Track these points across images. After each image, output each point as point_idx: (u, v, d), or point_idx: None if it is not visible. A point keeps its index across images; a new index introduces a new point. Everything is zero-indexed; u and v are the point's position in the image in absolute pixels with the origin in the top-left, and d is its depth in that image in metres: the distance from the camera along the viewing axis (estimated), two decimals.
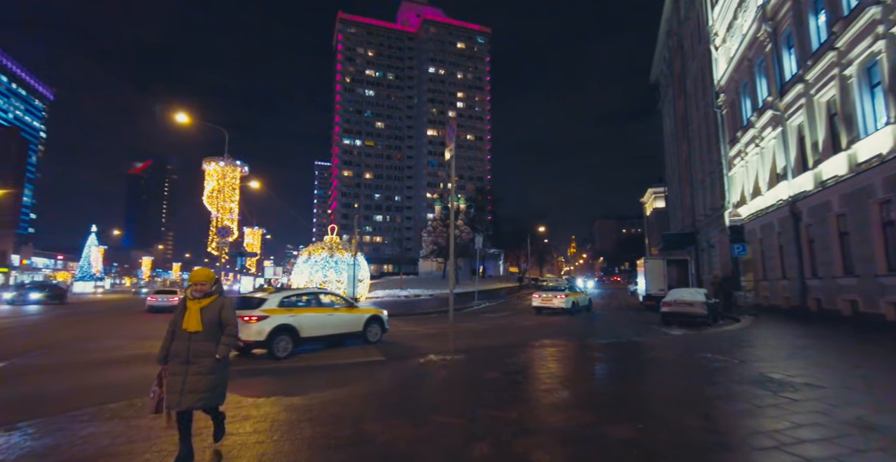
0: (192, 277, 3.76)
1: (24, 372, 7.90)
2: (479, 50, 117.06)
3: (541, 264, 75.67)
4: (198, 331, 3.56)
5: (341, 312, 10.28)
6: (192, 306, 3.62)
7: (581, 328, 14.67)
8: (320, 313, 9.79)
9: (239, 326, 8.72)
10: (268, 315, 8.81)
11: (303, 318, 9.28)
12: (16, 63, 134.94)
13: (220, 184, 23.00)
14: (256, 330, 8.60)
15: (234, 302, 3.61)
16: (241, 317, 8.40)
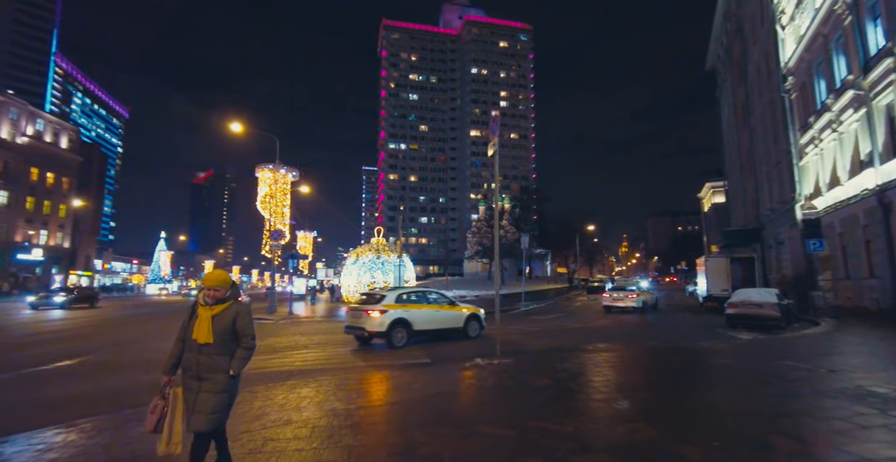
0: (205, 280, 3.20)
1: (92, 370, 8.31)
2: (521, 48, 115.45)
3: (590, 264, 73.24)
4: (208, 343, 3.04)
5: (445, 309, 11.26)
6: (202, 313, 3.11)
7: (637, 331, 13.81)
8: (429, 309, 10.84)
9: (363, 319, 9.96)
10: (387, 309, 10.05)
11: (415, 313, 10.43)
12: (97, 86, 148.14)
13: (272, 189, 23.75)
14: (379, 322, 9.87)
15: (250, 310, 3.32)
16: (366, 310, 10.12)
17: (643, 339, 11.65)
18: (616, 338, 11.76)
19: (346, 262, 28.59)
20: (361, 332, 10.15)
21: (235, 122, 22.19)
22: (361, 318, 10.16)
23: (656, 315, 19.14)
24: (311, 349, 10.14)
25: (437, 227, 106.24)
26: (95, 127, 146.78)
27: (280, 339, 11.84)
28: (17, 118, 51.59)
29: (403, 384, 6.21)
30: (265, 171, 23.59)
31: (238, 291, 3.34)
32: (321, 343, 11.08)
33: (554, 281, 55.56)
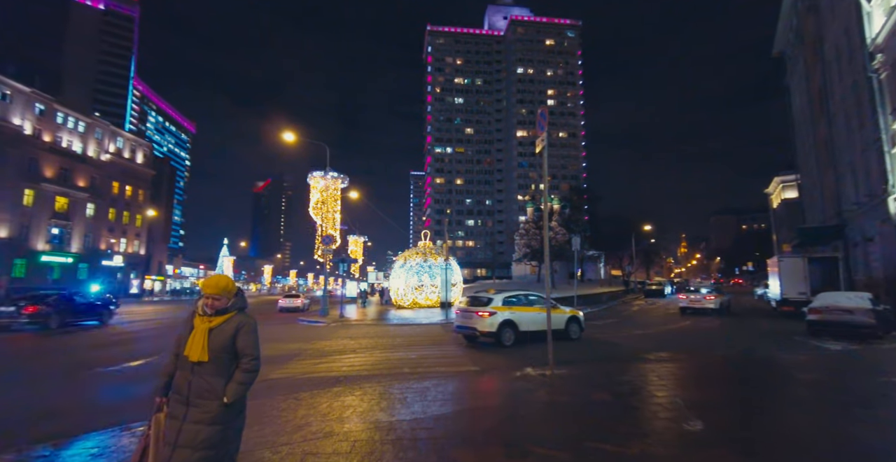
0: (204, 286, 2.69)
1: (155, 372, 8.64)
2: (569, 44, 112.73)
3: (647, 266, 69.75)
4: (202, 361, 2.54)
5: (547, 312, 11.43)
6: (198, 325, 2.61)
7: (703, 338, 12.72)
8: (532, 311, 11.28)
9: (474, 320, 10.71)
10: (496, 311, 10.69)
11: (520, 315, 10.98)
12: (168, 105, 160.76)
13: (323, 195, 24.35)
14: (489, 323, 10.55)
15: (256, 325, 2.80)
16: (476, 312, 10.78)
17: (711, 347, 10.68)
18: (681, 346, 10.84)
19: (394, 265, 28.79)
20: (472, 332, 10.88)
21: (288, 131, 22.96)
22: (472, 320, 10.82)
23: (725, 320, 17.70)
24: (359, 353, 10.09)
25: (484, 230, 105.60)
26: (167, 142, 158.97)
27: (329, 343, 11.93)
28: (102, 137, 56.67)
29: (450, 394, 5.91)
30: (316, 178, 24.26)
31: (244, 301, 2.80)
32: (368, 347, 11.02)
33: (608, 284, 53.33)
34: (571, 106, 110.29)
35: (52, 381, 7.73)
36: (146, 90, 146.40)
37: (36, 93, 47.76)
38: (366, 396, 5.90)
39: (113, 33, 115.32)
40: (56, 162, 49.81)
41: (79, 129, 53.18)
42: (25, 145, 46.16)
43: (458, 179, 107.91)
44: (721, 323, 16.53)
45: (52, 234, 49.52)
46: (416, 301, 26.84)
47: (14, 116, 45.31)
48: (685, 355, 9.26)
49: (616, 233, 54.93)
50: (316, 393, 6.18)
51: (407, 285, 27.02)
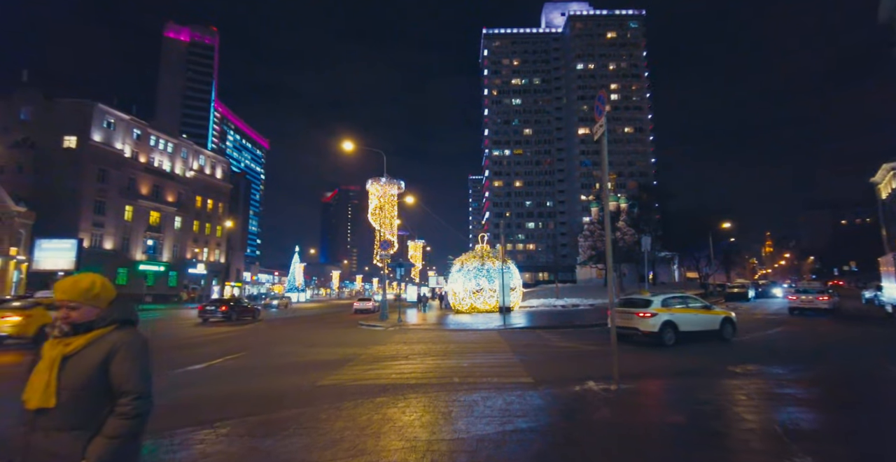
0: (56, 289, 1.84)
1: (220, 373, 8.88)
2: (632, 36, 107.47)
3: (727, 268, 64.08)
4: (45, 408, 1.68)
5: (702, 313, 11.99)
6: (47, 351, 1.77)
7: (794, 348, 11.05)
8: (689, 313, 11.68)
9: (635, 321, 11.36)
10: (657, 313, 11.13)
11: (678, 316, 11.33)
12: (243, 123, 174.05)
13: (381, 201, 24.69)
14: (651, 323, 11.00)
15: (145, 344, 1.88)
16: (637, 313, 11.20)
17: (809, 360, 9.17)
18: (768, 358, 9.43)
19: (451, 269, 28.52)
20: (634, 332, 11.27)
21: (347, 141, 23.55)
22: (633, 320, 11.27)
23: (834, 326, 15.42)
24: (411, 360, 9.79)
25: (546, 233, 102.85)
26: (244, 159, 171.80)
27: (383, 348, 11.78)
28: (187, 156, 62.21)
29: (498, 411, 5.36)
30: (374, 184, 24.66)
31: (127, 310, 1.92)
32: (422, 353, 10.70)
33: (683, 287, 49.52)
34: (637, 99, 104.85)
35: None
36: (225, 111, 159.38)
37: (134, 119, 53.43)
38: (409, 409, 5.52)
39: (196, 62, 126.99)
40: (150, 180, 55.31)
41: (168, 150, 58.70)
42: (126, 167, 51.70)
43: (517, 182, 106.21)
44: (829, 329, 14.44)
45: (148, 246, 54.91)
46: (473, 305, 26.35)
47: (117, 141, 50.93)
48: (776, 369, 7.97)
49: (691, 232, 50.86)
50: (360, 402, 5.91)
51: (465, 289, 26.62)
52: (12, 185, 42.06)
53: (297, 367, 9.29)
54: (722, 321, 11.98)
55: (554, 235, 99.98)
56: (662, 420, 4.90)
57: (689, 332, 11.33)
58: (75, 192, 46.08)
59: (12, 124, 47.62)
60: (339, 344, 13.14)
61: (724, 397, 5.90)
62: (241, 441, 4.44)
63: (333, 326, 20.52)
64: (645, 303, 11.49)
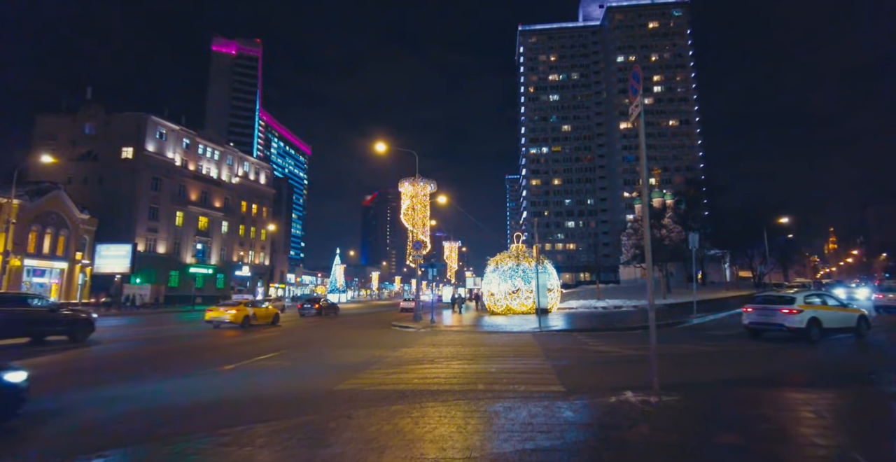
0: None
1: (247, 375, 8.81)
2: (675, 25, 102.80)
3: (784, 266, 59.61)
4: None
5: (840, 310, 12.37)
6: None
7: (870, 360, 9.75)
8: (829, 310, 12.01)
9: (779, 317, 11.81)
10: (802, 310, 11.43)
11: (821, 313, 11.64)
12: (287, 130, 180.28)
13: (413, 201, 24.49)
14: (798, 320, 11.31)
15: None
16: (780, 309, 11.65)
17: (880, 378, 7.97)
18: (835, 369, 8.30)
19: (486, 270, 27.97)
20: (779, 328, 11.74)
21: (380, 142, 23.53)
22: (776, 317, 11.68)
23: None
24: (436, 364, 9.38)
25: (587, 232, 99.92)
26: (288, 165, 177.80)
27: (411, 350, 11.44)
28: (232, 163, 64.91)
29: (520, 425, 4.83)
30: (406, 184, 24.51)
31: None
32: (448, 357, 10.27)
33: (735, 287, 46.51)
34: (682, 91, 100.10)
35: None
36: (269, 120, 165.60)
37: (183, 130, 56.29)
38: (423, 419, 5.09)
39: (242, 73, 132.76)
40: (199, 187, 58.05)
41: (215, 158, 61.43)
42: (176, 175, 54.53)
43: (556, 180, 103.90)
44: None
45: (197, 249, 57.62)
46: (509, 307, 25.67)
47: (168, 151, 53.78)
48: (851, 385, 6.95)
49: (743, 229, 47.56)
50: (372, 411, 5.55)
51: (500, 290, 26.00)
52: (78, 195, 45.24)
53: (322, 370, 9.12)
54: (858, 319, 12.17)
55: (595, 234, 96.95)
56: (715, 438, 4.22)
57: (831, 328, 11.62)
58: (132, 200, 49.03)
59: (79, 139, 51.32)
60: (368, 346, 12.94)
61: (784, 414, 5.10)
62: (239, 452, 4.16)
63: (367, 327, 20.49)
64: (790, 299, 11.89)
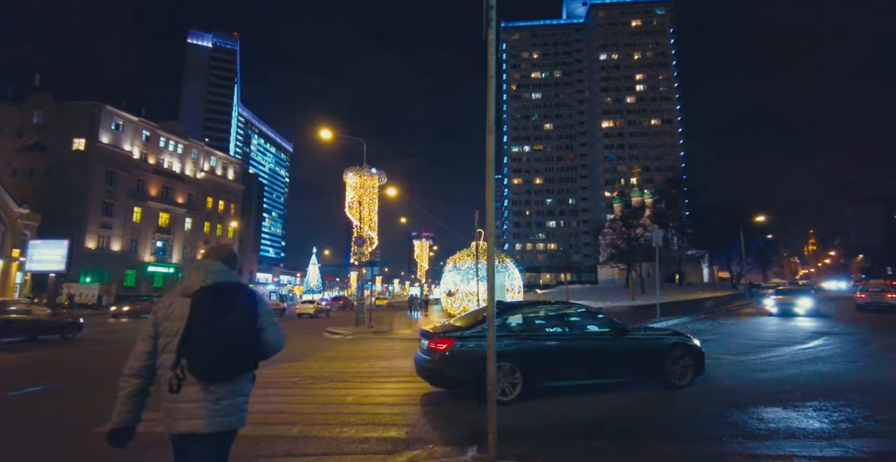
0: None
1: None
2: (658, 23, 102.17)
3: (763, 267, 58.88)
4: None
5: None
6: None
7: (853, 374, 7.97)
8: None
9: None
10: None
11: None
12: (268, 127, 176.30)
13: (359, 193, 22.48)
14: None
15: None
16: None
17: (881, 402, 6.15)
18: (824, 387, 6.46)
19: (444, 269, 26.04)
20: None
21: (325, 129, 21.44)
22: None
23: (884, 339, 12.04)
24: (298, 388, 7.33)
25: (568, 231, 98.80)
26: (268, 162, 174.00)
27: (298, 365, 9.40)
28: (197, 157, 62.08)
29: None
30: (351, 175, 22.47)
31: None
32: (324, 377, 8.20)
33: (713, 288, 45.29)
34: (664, 90, 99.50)
35: None
36: (250, 116, 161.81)
37: (143, 121, 53.38)
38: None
39: (219, 67, 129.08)
40: (159, 182, 55.18)
41: (178, 151, 58.58)
42: (134, 168, 51.63)
43: (538, 178, 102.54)
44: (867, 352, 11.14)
45: (157, 247, 54.74)
46: (466, 308, 23.73)
47: (125, 143, 50.89)
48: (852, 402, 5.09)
49: (722, 229, 46.42)
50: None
51: (457, 290, 24.07)
52: (23, 188, 42.27)
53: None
54: None
55: (576, 234, 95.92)
56: None
57: None
58: (83, 195, 46.08)
59: (26, 128, 48.19)
60: None
61: None
62: None
63: (299, 333, 18.42)
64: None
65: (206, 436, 2.00)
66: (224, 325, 2.01)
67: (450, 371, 5.81)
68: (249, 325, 2.09)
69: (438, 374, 5.94)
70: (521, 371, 5.83)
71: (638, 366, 6.57)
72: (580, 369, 6.27)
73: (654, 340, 6.79)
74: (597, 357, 6.37)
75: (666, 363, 6.51)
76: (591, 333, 6.59)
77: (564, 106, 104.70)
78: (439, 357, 5.82)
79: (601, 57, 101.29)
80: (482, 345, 5.48)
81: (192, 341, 2.00)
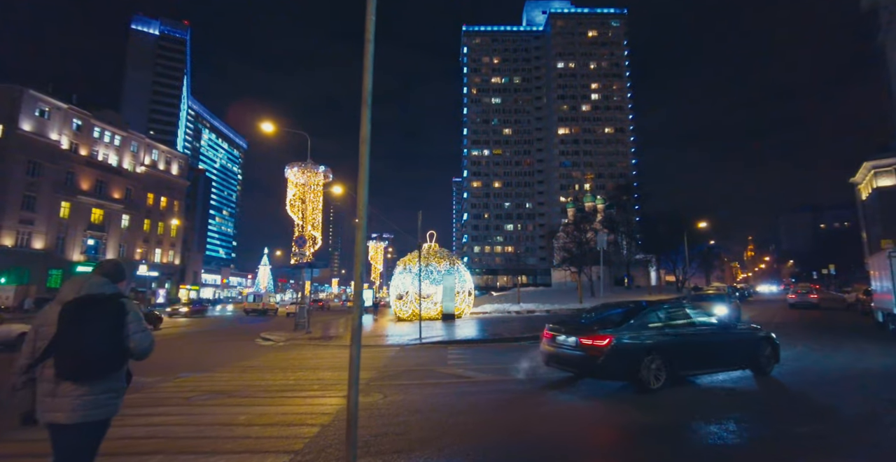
0: None
1: None
2: (613, 34, 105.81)
3: (707, 271, 61.81)
4: None
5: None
6: None
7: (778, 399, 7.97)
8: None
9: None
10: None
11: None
12: (220, 122, 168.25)
13: (301, 191, 21.35)
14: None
15: None
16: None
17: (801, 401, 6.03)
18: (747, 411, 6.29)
19: (395, 271, 25.30)
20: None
21: (267, 122, 20.23)
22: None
23: (815, 339, 12.41)
24: (191, 406, 6.46)
25: (525, 235, 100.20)
26: (220, 158, 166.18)
27: (208, 376, 8.43)
28: (137, 150, 58.05)
29: None
30: (294, 170, 21.32)
31: None
32: (226, 391, 7.37)
33: (659, 291, 46.91)
34: (618, 99, 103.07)
35: None
36: (200, 109, 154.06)
37: (73, 109, 49.22)
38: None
39: (167, 57, 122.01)
40: (92, 175, 51.06)
41: (115, 143, 54.56)
42: (63, 159, 47.47)
43: (497, 182, 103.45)
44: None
45: (88, 245, 50.61)
46: (415, 312, 23.09)
47: (51, 132, 46.69)
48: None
49: (668, 234, 48.21)
50: None
51: (406, 293, 23.41)
52: None
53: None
54: None
55: (533, 237, 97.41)
56: None
57: None
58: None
59: None
60: (172, 367, 9.68)
61: None
62: None
63: (232, 337, 17.16)
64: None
65: (71, 426, 2.34)
66: (87, 332, 2.34)
67: (612, 364, 6.48)
68: (112, 332, 2.40)
69: (600, 367, 6.55)
70: (664, 363, 6.67)
71: (742, 356, 7.62)
72: (706, 360, 7.28)
73: (750, 334, 7.92)
74: (715, 349, 7.39)
75: (759, 354, 7.68)
76: (709, 329, 7.56)
77: (523, 112, 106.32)
78: (600, 352, 6.49)
79: (559, 65, 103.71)
80: (637, 339, 6.67)
81: (58, 345, 2.33)
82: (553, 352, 7.13)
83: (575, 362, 6.82)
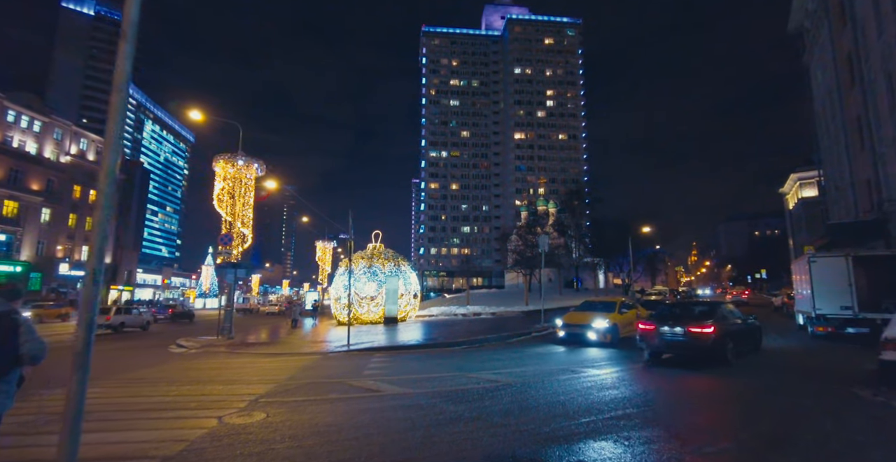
0: None
1: None
2: (569, 43, 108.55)
3: (652, 274, 64.19)
4: None
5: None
6: None
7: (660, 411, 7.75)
8: None
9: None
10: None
11: None
12: (165, 113, 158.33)
13: (230, 185, 19.83)
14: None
15: None
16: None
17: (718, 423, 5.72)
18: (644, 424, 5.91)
19: (336, 272, 24.14)
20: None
21: (196, 110, 18.65)
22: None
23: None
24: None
25: (481, 237, 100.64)
26: (164, 151, 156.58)
27: (92, 392, 7.18)
28: (62, 138, 53.16)
29: None
30: (222, 163, 19.77)
31: None
32: (126, 409, 6.26)
33: (606, 293, 48.06)
34: (572, 107, 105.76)
35: None
36: (143, 99, 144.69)
37: None
38: None
39: (104, 40, 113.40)
40: (4, 163, 46.13)
41: (34, 129, 49.74)
42: None
43: (454, 184, 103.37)
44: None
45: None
46: (356, 315, 22.06)
47: None
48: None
49: (616, 239, 49.57)
50: None
51: (345, 294, 22.31)
52: None
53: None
54: None
55: (488, 240, 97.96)
56: None
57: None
58: None
59: None
60: (59, 380, 8.25)
61: None
62: None
63: (150, 344, 15.49)
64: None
65: None
66: None
67: (715, 346, 8.84)
68: (2, 342, 2.96)
69: (710, 350, 8.90)
70: (735, 345, 9.46)
71: (756, 340, 11.06)
72: (747, 343, 10.40)
73: (758, 326, 11.34)
74: (749, 335, 10.57)
75: (760, 338, 11.36)
76: (744, 320, 10.66)
77: (481, 115, 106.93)
78: (709, 338, 8.84)
79: (516, 70, 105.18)
80: (724, 328, 9.25)
81: None
82: (658, 340, 9.29)
83: (683, 346, 9.10)
